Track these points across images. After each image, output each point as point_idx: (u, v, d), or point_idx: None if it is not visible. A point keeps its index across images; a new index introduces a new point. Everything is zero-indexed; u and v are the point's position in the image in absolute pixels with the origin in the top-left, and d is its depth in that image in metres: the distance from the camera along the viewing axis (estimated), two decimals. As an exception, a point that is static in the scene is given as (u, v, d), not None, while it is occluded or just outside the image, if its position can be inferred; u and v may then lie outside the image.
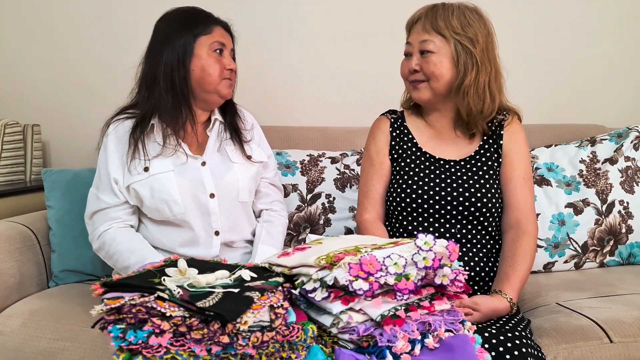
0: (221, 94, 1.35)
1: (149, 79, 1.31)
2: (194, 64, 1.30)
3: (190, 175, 1.31)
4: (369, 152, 1.42)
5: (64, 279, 1.56)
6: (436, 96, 1.30)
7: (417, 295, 0.87)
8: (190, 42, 1.29)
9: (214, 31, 1.33)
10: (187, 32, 1.30)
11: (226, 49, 1.35)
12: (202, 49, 1.30)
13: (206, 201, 1.31)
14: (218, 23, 1.36)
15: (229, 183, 1.35)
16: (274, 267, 0.94)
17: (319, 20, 2.07)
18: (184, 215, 1.29)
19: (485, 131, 1.34)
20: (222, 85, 1.33)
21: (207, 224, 1.32)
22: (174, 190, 1.28)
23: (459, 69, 1.26)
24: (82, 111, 2.20)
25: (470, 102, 1.27)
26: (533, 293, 1.42)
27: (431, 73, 1.27)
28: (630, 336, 1.14)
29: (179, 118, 1.30)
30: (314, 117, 2.08)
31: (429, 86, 1.29)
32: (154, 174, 1.28)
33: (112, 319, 0.74)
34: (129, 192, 1.30)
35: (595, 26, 2.02)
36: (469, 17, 1.26)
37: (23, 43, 2.23)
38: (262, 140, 1.52)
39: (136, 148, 1.29)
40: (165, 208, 1.28)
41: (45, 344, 1.25)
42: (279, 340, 0.78)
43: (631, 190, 1.61)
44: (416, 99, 1.34)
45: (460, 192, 1.28)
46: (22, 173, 2.07)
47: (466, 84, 1.25)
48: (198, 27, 1.31)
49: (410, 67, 1.30)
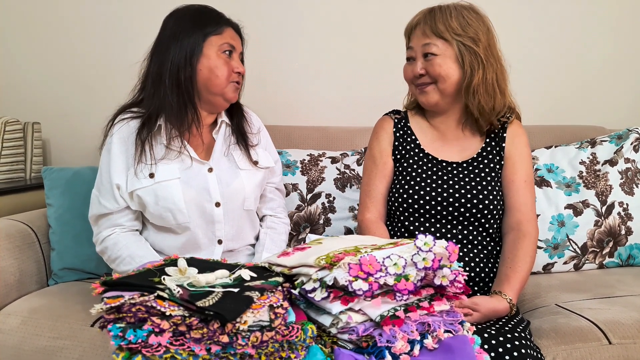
0: (227, 97, 1.32)
1: (154, 75, 1.28)
2: (202, 64, 1.27)
3: (196, 183, 1.28)
4: (372, 152, 1.42)
5: (63, 277, 1.56)
6: (444, 97, 1.30)
7: (417, 295, 0.88)
8: (199, 41, 1.26)
9: (225, 32, 1.30)
10: (197, 30, 1.26)
11: (235, 52, 1.32)
12: (211, 49, 1.27)
13: (211, 210, 1.29)
14: (229, 24, 1.33)
15: (235, 191, 1.32)
16: (273, 266, 0.94)
17: (320, 20, 2.07)
18: (188, 223, 1.27)
19: (496, 126, 1.34)
20: (228, 89, 1.31)
21: (211, 233, 1.30)
22: (179, 199, 1.25)
23: (465, 69, 1.26)
24: (83, 109, 2.20)
25: (482, 100, 1.27)
26: (532, 294, 1.42)
27: (438, 75, 1.27)
28: (629, 337, 1.14)
29: (184, 119, 1.27)
30: (314, 116, 2.08)
31: (437, 88, 1.29)
32: (159, 181, 1.25)
33: (112, 317, 0.74)
34: (132, 198, 1.26)
35: (595, 27, 2.02)
36: (467, 17, 1.26)
37: (23, 41, 2.23)
38: (268, 144, 1.49)
39: (143, 150, 1.25)
40: (169, 216, 1.26)
41: (44, 342, 1.25)
42: (279, 340, 0.78)
43: (631, 192, 1.61)
44: (424, 103, 1.33)
45: (462, 194, 1.28)
46: (22, 171, 2.07)
47: (475, 84, 1.26)
48: (209, 27, 1.28)
49: (416, 72, 1.29)
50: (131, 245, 1.26)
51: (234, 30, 1.34)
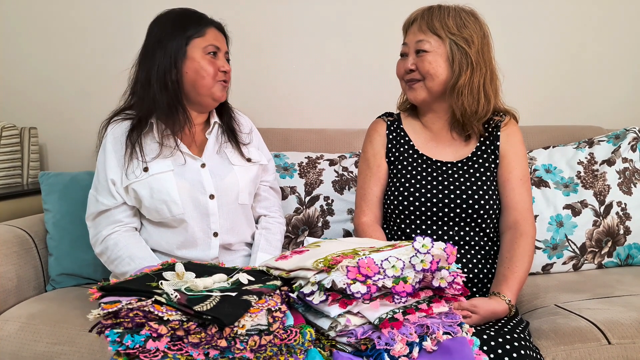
0: (215, 97, 1.35)
1: (143, 81, 1.31)
2: (187, 67, 1.30)
3: (190, 176, 1.31)
4: (365, 155, 1.42)
5: (61, 282, 1.56)
6: (431, 96, 1.31)
7: (415, 298, 0.87)
8: (182, 44, 1.29)
9: (208, 33, 1.33)
10: (180, 34, 1.30)
11: (220, 51, 1.34)
12: (195, 52, 1.30)
13: (205, 202, 1.31)
14: (211, 24, 1.35)
15: (229, 184, 1.35)
16: (271, 270, 0.94)
17: (316, 22, 2.07)
18: (183, 215, 1.29)
19: (481, 133, 1.34)
20: (216, 88, 1.33)
21: (206, 225, 1.32)
22: (173, 191, 1.28)
23: (454, 69, 1.26)
24: (79, 114, 2.20)
25: (465, 102, 1.27)
26: (531, 295, 1.42)
27: (426, 72, 1.28)
28: (629, 337, 1.14)
29: (175, 120, 1.30)
30: (312, 119, 2.08)
31: (425, 85, 1.30)
32: (153, 173, 1.28)
33: (110, 323, 0.74)
34: (128, 192, 1.29)
35: (593, 27, 2.02)
36: (465, 19, 1.27)
37: (19, 46, 2.23)
38: (261, 144, 1.52)
39: (133, 150, 1.29)
40: (164, 208, 1.28)
41: (42, 348, 1.25)
42: (277, 344, 0.77)
43: (629, 191, 1.62)
44: (412, 99, 1.35)
45: (457, 194, 1.28)
46: (19, 176, 2.07)
47: (460, 84, 1.26)
48: (191, 29, 1.31)
49: (406, 67, 1.30)
50: (131, 246, 1.28)
51: (217, 29, 1.37)
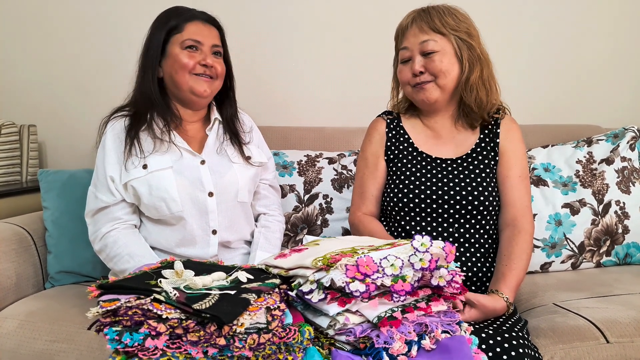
0: (195, 91, 1.32)
1: (138, 78, 1.34)
2: (166, 64, 1.32)
3: (190, 173, 1.31)
4: (364, 154, 1.42)
5: (60, 280, 1.56)
6: (444, 93, 1.31)
7: (414, 296, 0.88)
8: (161, 42, 1.31)
9: (187, 28, 1.32)
10: (162, 32, 1.32)
11: (203, 45, 1.32)
12: (174, 48, 1.31)
13: (204, 199, 1.31)
14: (195, 18, 1.34)
15: (228, 182, 1.35)
16: (270, 268, 0.94)
17: (316, 20, 2.07)
18: (181, 213, 1.29)
19: (487, 120, 1.35)
20: (194, 82, 1.31)
21: (205, 223, 1.32)
22: (172, 188, 1.28)
23: (464, 64, 1.28)
24: (78, 111, 2.20)
25: (481, 94, 1.30)
26: (530, 293, 1.42)
27: (439, 71, 1.28)
28: (627, 336, 1.14)
29: (166, 116, 1.32)
30: (311, 117, 2.08)
31: (437, 84, 1.30)
32: (152, 171, 1.28)
33: (108, 321, 0.74)
34: (127, 189, 1.29)
35: (591, 26, 2.02)
36: (458, 15, 1.30)
37: (19, 43, 2.22)
38: (261, 142, 1.52)
39: (132, 146, 1.29)
40: (163, 206, 1.28)
41: (41, 345, 1.25)
42: (276, 342, 0.78)
43: (627, 190, 1.62)
44: (424, 100, 1.32)
45: (457, 190, 1.28)
46: (18, 174, 2.07)
47: (474, 79, 1.29)
48: (170, 26, 1.32)
49: (415, 70, 1.29)
50: (130, 244, 1.27)
51: (207, 23, 1.35)
